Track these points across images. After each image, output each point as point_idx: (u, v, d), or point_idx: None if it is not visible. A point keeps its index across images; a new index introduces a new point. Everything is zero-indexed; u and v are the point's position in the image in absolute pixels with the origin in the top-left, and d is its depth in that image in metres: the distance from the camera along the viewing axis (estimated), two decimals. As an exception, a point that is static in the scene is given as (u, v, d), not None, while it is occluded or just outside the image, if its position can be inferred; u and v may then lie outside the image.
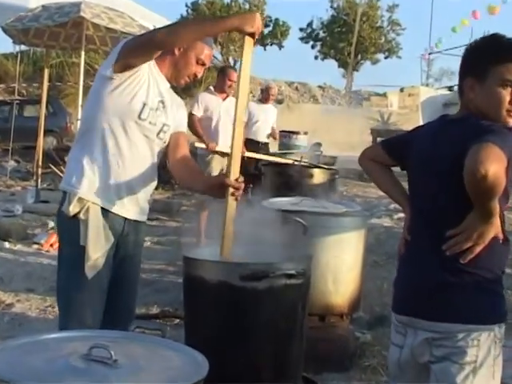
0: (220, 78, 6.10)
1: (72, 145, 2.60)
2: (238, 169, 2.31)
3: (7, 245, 6.19)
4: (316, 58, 36.66)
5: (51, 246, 6.11)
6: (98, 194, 2.38)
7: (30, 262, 5.69)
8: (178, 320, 4.07)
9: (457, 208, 1.81)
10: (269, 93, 7.61)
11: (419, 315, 1.89)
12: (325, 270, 3.32)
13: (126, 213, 2.45)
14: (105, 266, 2.39)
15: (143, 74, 2.39)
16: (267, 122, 7.59)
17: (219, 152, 5.87)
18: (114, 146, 2.39)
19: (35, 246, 6.19)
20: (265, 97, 7.66)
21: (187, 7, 31.55)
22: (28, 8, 8.01)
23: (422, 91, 22.88)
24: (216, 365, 1.54)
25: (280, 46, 33.66)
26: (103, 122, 2.38)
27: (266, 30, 32.11)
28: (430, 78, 35.51)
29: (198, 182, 2.45)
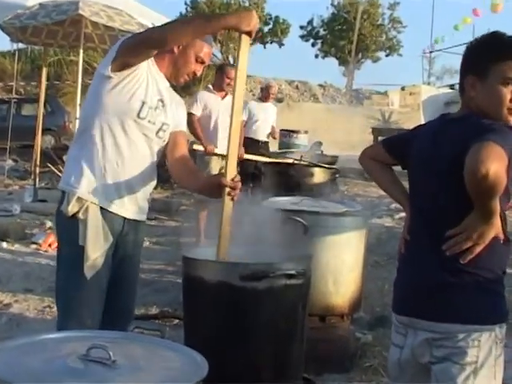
0: (218, 76, 6.08)
1: (70, 144, 2.61)
2: (234, 168, 2.31)
3: (5, 245, 6.19)
4: (316, 56, 36.64)
5: (49, 245, 6.11)
6: (96, 194, 2.38)
7: (28, 261, 5.69)
8: (177, 320, 4.07)
9: (457, 207, 1.81)
10: (269, 91, 7.60)
11: (419, 315, 1.89)
12: (325, 270, 3.33)
13: (125, 212, 2.45)
14: (104, 266, 2.39)
15: (142, 73, 2.40)
16: (267, 121, 7.58)
17: (218, 154, 5.86)
18: (112, 145, 2.39)
19: (33, 246, 6.19)
20: (265, 95, 7.65)
21: (186, 5, 31.54)
22: (26, 6, 8.00)
23: (423, 90, 22.85)
24: (215, 365, 1.54)
25: (280, 44, 33.62)
26: (102, 121, 2.38)
27: (266, 28, 32.06)
28: (431, 76, 35.49)
29: (195, 182, 2.46)
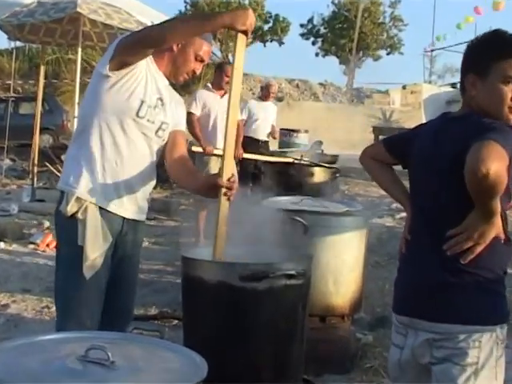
0: (217, 75, 6.08)
1: (68, 143, 2.61)
2: (230, 169, 2.31)
3: (3, 245, 6.19)
4: (317, 54, 36.60)
5: (47, 245, 6.11)
6: (96, 194, 2.38)
7: (25, 262, 5.69)
8: (176, 321, 4.07)
9: (458, 206, 1.81)
10: (269, 90, 7.60)
11: (420, 316, 1.89)
12: (325, 271, 3.33)
13: (124, 212, 2.45)
14: (103, 266, 2.39)
15: (140, 71, 2.39)
16: (267, 120, 7.59)
17: (217, 154, 5.86)
18: (111, 145, 2.39)
19: (31, 246, 6.18)
20: (265, 94, 7.65)
21: (186, 3, 31.49)
22: (23, 3, 7.99)
23: (424, 88, 22.86)
24: (215, 366, 1.54)
25: (280, 43, 33.57)
26: (101, 120, 2.39)
27: (266, 26, 31.99)
28: (432, 74, 35.47)
29: (193, 183, 2.45)
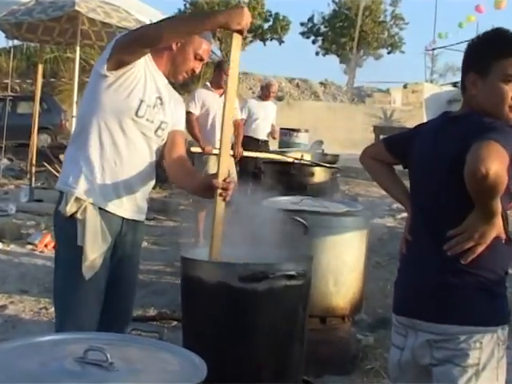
0: (216, 73, 6.08)
1: (67, 142, 2.61)
2: (226, 169, 2.30)
3: (0, 245, 6.18)
4: (317, 53, 36.63)
5: (45, 246, 6.11)
6: (95, 194, 2.38)
7: (23, 262, 5.69)
8: (175, 322, 4.07)
9: (458, 206, 1.81)
10: (269, 90, 7.59)
11: (420, 316, 1.89)
12: (326, 271, 3.33)
13: (123, 212, 2.46)
14: (102, 267, 2.39)
15: (139, 70, 2.39)
16: (267, 120, 7.59)
17: (216, 154, 5.87)
18: (110, 145, 2.39)
19: (29, 247, 6.18)
20: (265, 94, 7.64)
21: (185, 1, 31.46)
22: (21, 2, 7.98)
23: (425, 87, 22.88)
24: (214, 368, 1.54)
25: (280, 42, 33.57)
26: (99, 120, 2.39)
27: (266, 25, 32.00)
28: (434, 73, 35.53)
29: (189, 183, 2.45)
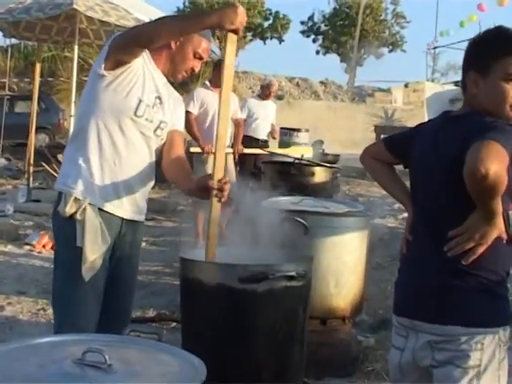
0: (216, 72, 6.07)
1: (65, 142, 2.62)
2: (221, 170, 2.30)
3: (-3, 246, 6.20)
4: (317, 52, 36.65)
5: (43, 246, 6.11)
6: (94, 194, 2.38)
7: (21, 263, 5.69)
8: (174, 323, 4.07)
9: (458, 206, 1.81)
10: (270, 90, 7.60)
11: (420, 317, 1.89)
12: (326, 272, 3.33)
13: (123, 213, 2.46)
14: (101, 267, 2.39)
15: (137, 69, 2.39)
16: (267, 119, 7.60)
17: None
18: (109, 145, 2.39)
19: (27, 247, 6.18)
20: (265, 93, 7.64)
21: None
22: (18, 0, 7.99)
23: (427, 87, 22.87)
24: (214, 369, 1.55)
25: (280, 40, 33.58)
26: (98, 120, 2.39)
27: (266, 24, 32.02)
28: (435, 72, 35.53)
29: (186, 184, 2.44)
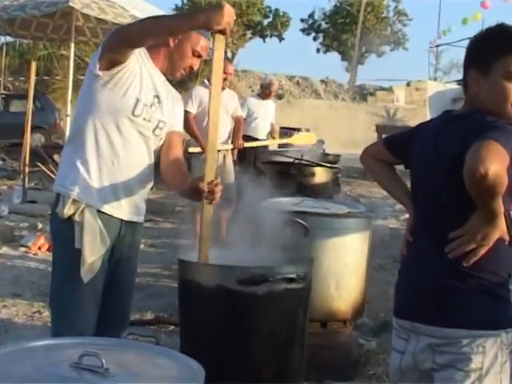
0: None
1: (61, 142, 2.62)
2: (211, 172, 2.30)
3: (-8, 248, 6.20)
4: (318, 50, 36.69)
5: (39, 248, 6.11)
6: (92, 196, 2.38)
7: (16, 265, 5.69)
8: (172, 326, 4.07)
9: (458, 206, 1.81)
10: (270, 89, 7.60)
11: (421, 319, 1.89)
12: (327, 274, 3.33)
13: (122, 214, 2.46)
14: (100, 269, 2.40)
15: (133, 68, 2.39)
16: (267, 119, 7.60)
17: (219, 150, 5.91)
18: (107, 145, 2.40)
19: (22, 249, 6.18)
20: (266, 93, 7.63)
21: (182, -3, 31.56)
22: (13, -3, 7.98)
23: (429, 85, 22.89)
24: (213, 373, 1.55)
25: (280, 38, 33.61)
26: (95, 120, 2.39)
27: (266, 21, 32.05)
28: (438, 71, 35.55)
29: (180, 186, 2.43)
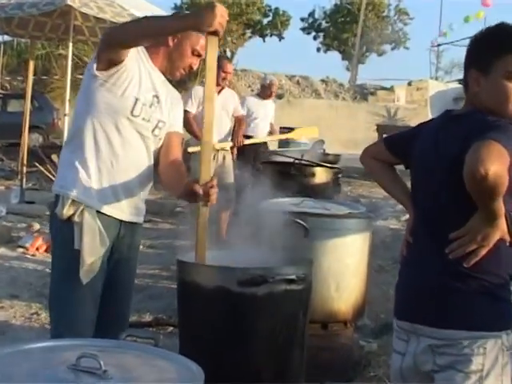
0: None
1: (59, 142, 2.62)
2: (207, 174, 2.30)
3: (-10, 248, 6.19)
4: (318, 49, 36.66)
5: (37, 249, 6.11)
6: (91, 196, 2.39)
7: (14, 266, 5.68)
8: (171, 328, 4.07)
9: (458, 207, 1.81)
10: (271, 90, 7.60)
11: (421, 319, 1.89)
12: (327, 275, 3.33)
13: (121, 215, 2.46)
14: (99, 270, 2.40)
15: (131, 68, 2.39)
16: (266, 119, 7.61)
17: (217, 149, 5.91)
18: (106, 145, 2.40)
19: (20, 250, 6.17)
20: (267, 94, 7.63)
21: (181, -5, 31.56)
22: (10, -5, 7.98)
23: (430, 85, 22.88)
24: (212, 375, 1.55)
25: (280, 37, 33.60)
26: (94, 121, 2.39)
27: (266, 20, 32.05)
28: (439, 70, 35.49)
29: (177, 188, 2.43)
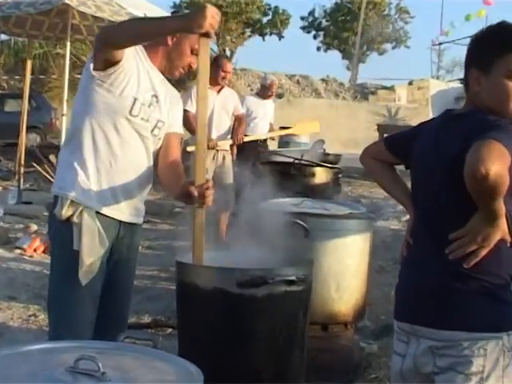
0: (213, 69, 6.08)
1: (57, 142, 2.63)
2: (202, 175, 2.31)
3: (-13, 250, 6.19)
4: (318, 48, 36.68)
5: (35, 250, 6.10)
6: (90, 197, 2.39)
7: (11, 267, 5.68)
8: (170, 329, 4.08)
9: (458, 206, 1.81)
10: (271, 90, 7.61)
11: (420, 320, 1.89)
12: (327, 276, 3.33)
13: (120, 215, 2.46)
14: (99, 271, 2.40)
15: (129, 67, 2.39)
16: (266, 119, 7.61)
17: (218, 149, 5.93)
18: (104, 145, 2.40)
19: (17, 251, 6.17)
20: (267, 94, 7.63)
21: (180, -6, 31.57)
22: (8, -6, 7.98)
23: (432, 84, 22.92)
24: (211, 376, 1.55)
25: (280, 36, 33.60)
26: (92, 121, 2.39)
27: (265, 19, 32.07)
28: (440, 69, 35.49)
29: (175, 189, 2.44)
